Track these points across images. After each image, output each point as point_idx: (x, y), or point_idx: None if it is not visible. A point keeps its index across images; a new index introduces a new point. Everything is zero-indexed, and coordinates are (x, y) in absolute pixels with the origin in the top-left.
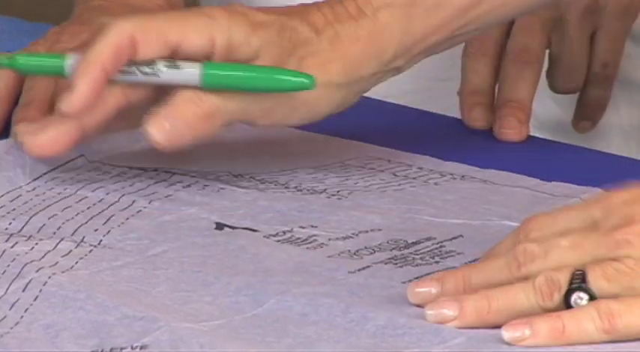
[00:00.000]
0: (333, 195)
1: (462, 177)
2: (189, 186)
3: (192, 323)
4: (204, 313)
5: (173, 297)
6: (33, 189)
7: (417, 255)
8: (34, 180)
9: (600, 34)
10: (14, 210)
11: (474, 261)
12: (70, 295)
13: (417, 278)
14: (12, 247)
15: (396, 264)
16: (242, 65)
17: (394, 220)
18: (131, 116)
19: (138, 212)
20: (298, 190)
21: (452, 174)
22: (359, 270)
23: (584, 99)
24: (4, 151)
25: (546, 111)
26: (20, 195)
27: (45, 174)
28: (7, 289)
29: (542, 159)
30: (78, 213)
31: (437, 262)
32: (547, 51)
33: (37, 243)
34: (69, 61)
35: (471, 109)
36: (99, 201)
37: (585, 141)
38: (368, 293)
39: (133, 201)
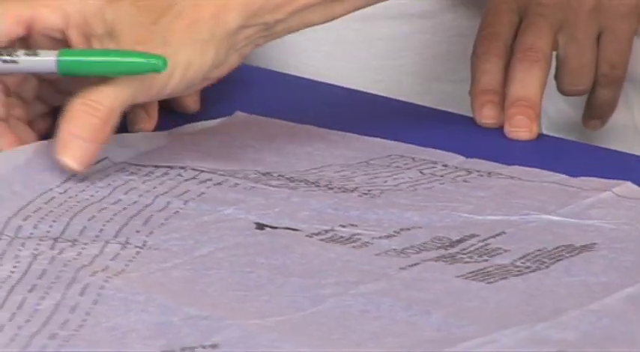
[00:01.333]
0: (365, 193)
1: (489, 173)
2: (219, 183)
3: (259, 319)
4: (264, 310)
5: (230, 296)
6: (65, 191)
7: (465, 254)
8: (64, 182)
9: (607, 35)
10: (51, 212)
11: (523, 257)
12: (130, 297)
13: (470, 272)
14: (60, 254)
15: (446, 261)
16: (96, 51)
17: (432, 218)
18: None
19: (175, 213)
20: (329, 188)
21: (478, 171)
22: (410, 266)
23: (594, 100)
24: (33, 154)
25: (558, 112)
26: (54, 197)
27: (73, 176)
28: (64, 294)
29: (556, 157)
30: (116, 214)
31: (486, 260)
32: (554, 53)
33: (83, 248)
34: None
35: (482, 108)
36: (133, 203)
37: (598, 140)
38: (425, 287)
39: (168, 203)
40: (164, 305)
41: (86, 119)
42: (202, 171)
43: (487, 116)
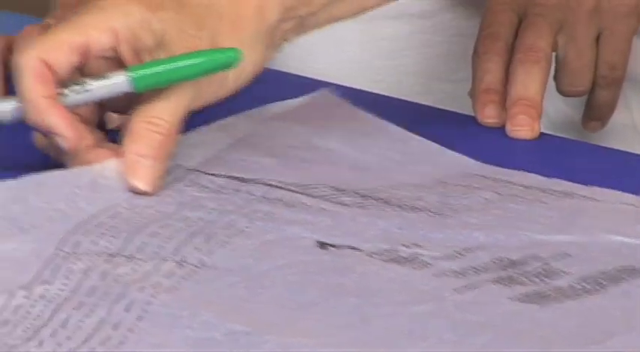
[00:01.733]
0: (436, 213)
1: (567, 194)
2: (292, 205)
3: (301, 337)
4: (311, 329)
5: (280, 314)
6: (131, 207)
7: (524, 276)
8: (132, 198)
9: (606, 36)
10: (113, 227)
11: (582, 279)
12: (175, 313)
13: (526, 295)
14: (114, 269)
15: (503, 283)
16: (163, 60)
17: (499, 238)
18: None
19: (240, 231)
20: (399, 207)
21: (557, 192)
22: (465, 288)
23: (593, 101)
24: (99, 176)
25: (557, 111)
26: (119, 213)
27: None
28: (110, 310)
29: (557, 156)
30: (179, 231)
31: (545, 282)
32: (554, 54)
33: (139, 264)
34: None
35: (484, 107)
36: (199, 220)
37: (597, 140)
38: (476, 310)
39: (235, 221)
40: (208, 322)
41: (150, 137)
42: (272, 186)
43: (489, 115)
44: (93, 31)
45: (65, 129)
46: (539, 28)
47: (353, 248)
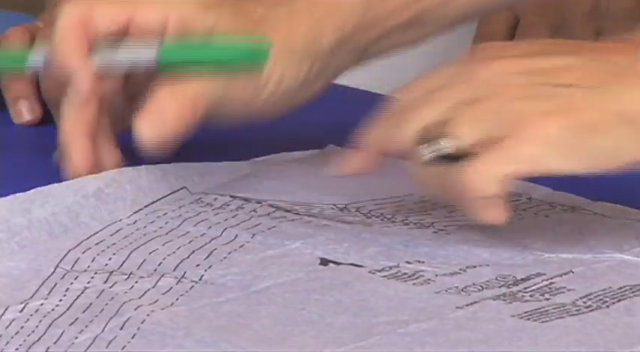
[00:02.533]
0: (441, 229)
1: (573, 209)
2: (292, 220)
3: None
4: (306, 345)
5: (275, 331)
6: (134, 222)
7: (527, 292)
8: (135, 212)
9: (604, 38)
10: (114, 244)
11: (585, 297)
12: (169, 332)
13: (527, 312)
14: (111, 287)
15: (505, 300)
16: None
17: (503, 255)
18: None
19: (240, 246)
20: (405, 224)
21: (562, 206)
22: (467, 305)
23: None
24: (105, 185)
25: None
26: (120, 229)
27: (146, 206)
28: (104, 327)
29: None
30: (179, 247)
31: (547, 299)
32: None
33: (136, 281)
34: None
35: None
36: (201, 236)
37: None
38: (476, 327)
39: (236, 235)
40: (202, 341)
41: (172, 97)
42: (278, 209)
43: None
44: (144, 6)
45: (84, 77)
46: (536, 28)
47: (355, 265)
